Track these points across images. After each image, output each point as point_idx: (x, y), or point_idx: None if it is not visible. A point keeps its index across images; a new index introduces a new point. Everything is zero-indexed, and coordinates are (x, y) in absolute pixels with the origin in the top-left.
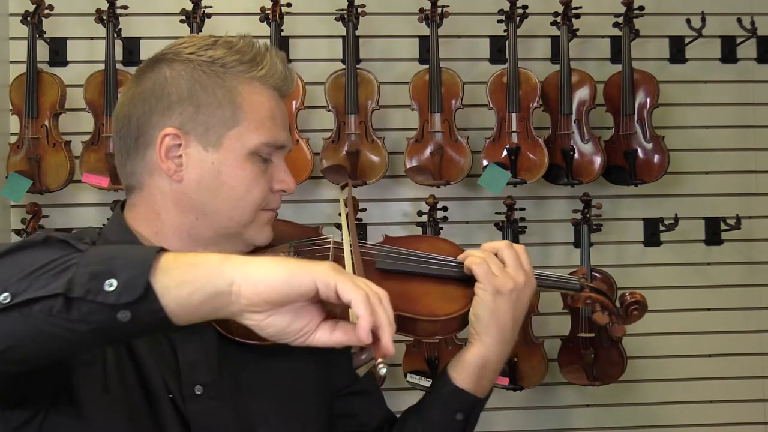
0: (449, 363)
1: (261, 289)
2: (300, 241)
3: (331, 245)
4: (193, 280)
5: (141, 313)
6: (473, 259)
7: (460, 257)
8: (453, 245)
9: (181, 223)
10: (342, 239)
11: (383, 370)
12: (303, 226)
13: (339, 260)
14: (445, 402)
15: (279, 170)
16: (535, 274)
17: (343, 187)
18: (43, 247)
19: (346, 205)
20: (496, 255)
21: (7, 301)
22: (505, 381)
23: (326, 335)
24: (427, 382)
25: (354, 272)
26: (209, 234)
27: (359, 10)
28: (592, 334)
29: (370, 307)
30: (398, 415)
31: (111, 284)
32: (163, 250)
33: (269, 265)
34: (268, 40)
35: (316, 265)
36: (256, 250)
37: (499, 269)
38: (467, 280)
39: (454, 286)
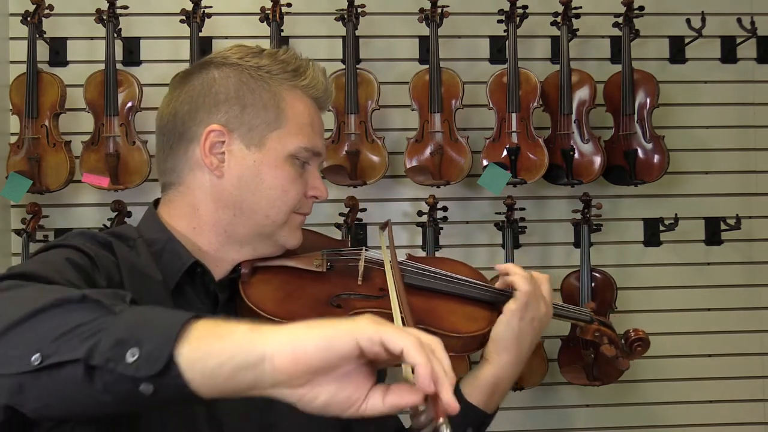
0: (461, 379)
1: (298, 356)
2: (332, 251)
3: (362, 257)
4: (219, 352)
5: (164, 387)
6: (520, 278)
7: (498, 267)
8: (472, 269)
9: (219, 219)
10: (382, 260)
11: (448, 431)
12: (332, 238)
13: (373, 276)
14: (456, 417)
15: (314, 177)
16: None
17: (383, 228)
18: (78, 305)
19: (388, 247)
20: None
21: (38, 363)
22: None
23: (379, 402)
24: None
25: (403, 325)
26: (245, 231)
27: (359, 10)
28: None
29: (425, 352)
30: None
31: (133, 354)
32: (197, 316)
33: (302, 329)
34: (267, 41)
35: (353, 321)
36: (287, 254)
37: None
38: (489, 304)
39: (476, 308)
